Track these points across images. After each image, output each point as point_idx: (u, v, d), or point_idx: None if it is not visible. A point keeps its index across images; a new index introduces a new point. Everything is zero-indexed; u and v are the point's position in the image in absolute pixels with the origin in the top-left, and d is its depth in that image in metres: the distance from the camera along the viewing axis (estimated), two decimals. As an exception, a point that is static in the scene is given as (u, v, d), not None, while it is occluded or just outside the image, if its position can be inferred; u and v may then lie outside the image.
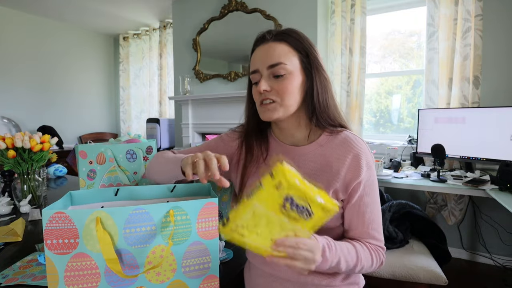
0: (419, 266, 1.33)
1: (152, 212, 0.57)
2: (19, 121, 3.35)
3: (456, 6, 2.03)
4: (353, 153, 0.66)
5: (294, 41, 0.68)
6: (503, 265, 2.03)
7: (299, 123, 0.71)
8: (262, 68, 0.67)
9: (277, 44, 0.67)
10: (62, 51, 3.74)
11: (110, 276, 0.57)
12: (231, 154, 0.78)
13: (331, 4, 2.47)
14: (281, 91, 0.66)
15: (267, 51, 0.67)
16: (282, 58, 0.66)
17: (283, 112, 0.67)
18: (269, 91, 0.67)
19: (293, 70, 0.66)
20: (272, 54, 0.66)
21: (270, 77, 0.67)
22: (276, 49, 0.66)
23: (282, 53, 0.66)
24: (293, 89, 0.67)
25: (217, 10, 2.86)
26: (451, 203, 2.12)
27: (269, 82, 0.67)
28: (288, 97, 0.66)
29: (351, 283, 0.71)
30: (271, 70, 0.66)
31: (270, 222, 0.51)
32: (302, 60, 0.68)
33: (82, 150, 0.91)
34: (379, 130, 2.65)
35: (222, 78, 2.91)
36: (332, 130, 0.70)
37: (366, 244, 0.67)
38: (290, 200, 0.49)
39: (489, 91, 2.04)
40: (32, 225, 1.07)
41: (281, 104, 0.67)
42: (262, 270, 0.73)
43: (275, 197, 0.49)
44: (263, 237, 0.51)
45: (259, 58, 0.68)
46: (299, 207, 0.49)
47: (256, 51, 0.70)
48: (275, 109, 0.67)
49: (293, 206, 0.49)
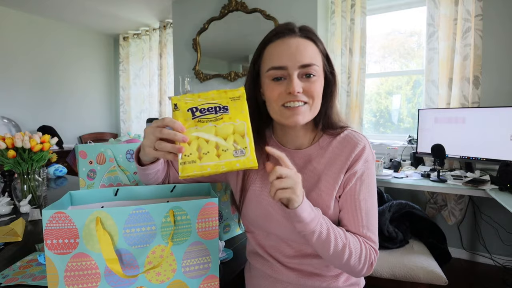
0: (419, 266, 1.33)
1: (152, 212, 0.57)
2: (19, 121, 3.35)
3: (456, 6, 2.03)
4: (351, 146, 0.65)
5: (319, 42, 0.65)
6: (503, 265, 2.03)
7: (307, 129, 0.69)
8: (293, 66, 0.61)
9: (307, 42, 0.63)
10: (62, 51, 3.74)
11: (110, 276, 0.56)
12: None
13: (331, 4, 2.47)
14: (312, 93, 0.62)
15: (297, 48, 0.61)
16: (314, 59, 0.62)
17: (311, 115, 0.64)
18: (301, 93, 0.62)
19: (320, 72, 0.64)
20: (304, 52, 0.61)
21: (301, 77, 0.62)
22: (307, 47, 0.62)
23: (314, 53, 0.63)
24: (321, 91, 0.65)
25: (217, 10, 2.86)
26: (451, 203, 2.12)
27: (301, 83, 0.62)
28: (318, 100, 0.64)
29: (353, 284, 0.70)
30: (302, 70, 0.61)
31: (203, 139, 0.55)
32: (324, 63, 0.65)
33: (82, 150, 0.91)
34: (379, 130, 2.65)
35: (222, 78, 2.91)
36: (333, 132, 0.69)
37: (358, 237, 0.63)
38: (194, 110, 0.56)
39: (489, 91, 2.04)
40: (32, 225, 1.07)
41: (311, 106, 0.63)
42: (263, 272, 0.72)
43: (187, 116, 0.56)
44: (211, 153, 0.55)
45: (287, 54, 0.61)
46: (206, 110, 0.56)
47: (278, 43, 0.63)
48: (305, 112, 0.63)
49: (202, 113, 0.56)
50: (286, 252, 0.68)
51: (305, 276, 0.67)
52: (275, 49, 0.63)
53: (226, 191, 0.96)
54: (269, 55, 0.64)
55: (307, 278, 0.67)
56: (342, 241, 0.58)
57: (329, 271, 0.68)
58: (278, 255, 0.69)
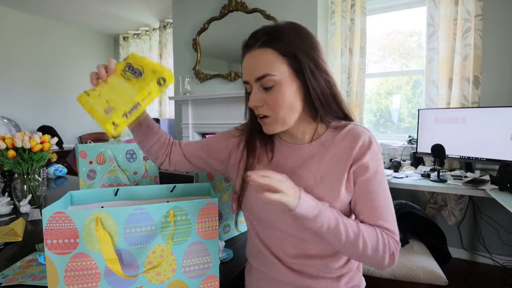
0: (419, 266, 1.33)
1: (152, 212, 0.57)
2: (19, 121, 3.35)
3: (456, 6, 2.03)
4: (355, 139, 0.64)
5: (280, 45, 0.60)
6: (503, 265, 2.03)
7: (303, 125, 0.68)
8: (251, 80, 0.63)
9: (262, 52, 0.61)
10: (62, 51, 3.74)
11: (110, 276, 0.57)
12: (230, 150, 0.76)
13: (331, 4, 2.47)
14: (272, 104, 0.61)
15: (252, 62, 0.62)
16: (267, 69, 0.60)
17: (281, 125, 0.64)
18: (261, 106, 0.63)
19: (282, 79, 0.60)
20: (257, 64, 0.61)
21: (261, 89, 0.62)
22: (260, 59, 0.61)
23: (268, 62, 0.60)
24: (286, 100, 0.61)
25: (217, 10, 2.86)
26: (451, 203, 2.12)
27: (261, 95, 0.62)
28: (282, 111, 0.62)
29: (354, 286, 0.70)
30: (259, 83, 0.61)
31: (111, 85, 0.62)
32: (291, 64, 0.60)
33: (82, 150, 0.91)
34: (379, 130, 2.65)
35: (222, 78, 2.91)
36: (337, 125, 0.68)
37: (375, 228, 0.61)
38: (129, 66, 0.63)
39: (489, 91, 2.04)
40: (32, 225, 1.07)
41: (276, 118, 0.63)
42: (263, 273, 0.72)
43: (120, 66, 0.64)
44: (102, 99, 0.60)
45: (246, 69, 0.63)
46: (134, 70, 0.63)
47: (244, 60, 0.65)
48: (271, 123, 0.64)
49: (130, 69, 0.63)
50: (288, 251, 0.68)
51: (306, 278, 0.67)
52: (242, 65, 0.66)
53: (226, 191, 0.96)
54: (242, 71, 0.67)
55: (308, 280, 0.67)
56: (354, 231, 0.59)
57: (331, 273, 0.67)
58: (280, 254, 0.69)
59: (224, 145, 0.77)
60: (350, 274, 0.69)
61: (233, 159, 0.75)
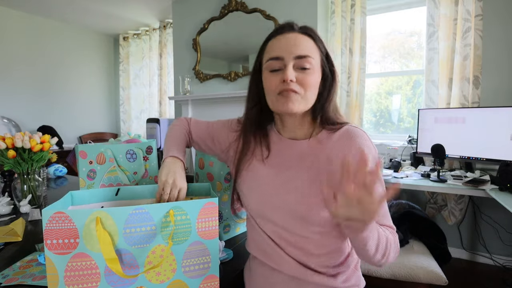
0: (419, 266, 1.33)
1: (152, 212, 0.57)
2: (19, 121, 3.35)
3: (456, 6, 2.03)
4: (352, 140, 0.65)
5: (318, 39, 0.68)
6: (503, 265, 2.03)
7: (304, 120, 0.71)
8: (288, 56, 0.65)
9: (304, 37, 0.66)
10: (62, 51, 3.74)
11: (110, 276, 0.57)
12: (230, 142, 0.80)
13: (331, 4, 2.47)
14: (306, 84, 0.65)
15: (295, 41, 0.66)
16: (309, 52, 0.65)
17: (304, 105, 0.66)
18: (294, 82, 0.65)
19: (316, 66, 0.66)
20: (301, 44, 0.65)
21: (296, 68, 0.65)
22: (303, 41, 0.66)
23: (310, 47, 0.66)
24: (315, 84, 0.67)
25: (217, 10, 2.86)
26: (451, 203, 2.12)
27: (295, 73, 0.65)
28: (311, 92, 0.66)
29: (353, 285, 0.70)
30: (298, 61, 0.65)
31: None
32: (323, 59, 0.68)
33: (82, 150, 0.91)
34: (379, 130, 2.65)
35: (222, 78, 2.91)
36: (333, 127, 0.69)
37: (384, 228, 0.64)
38: None
39: (489, 91, 2.04)
40: (32, 225, 1.07)
41: (304, 96, 0.66)
42: (263, 269, 0.72)
43: None
44: None
45: (284, 46, 0.66)
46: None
47: (279, 38, 0.68)
48: (297, 100, 0.65)
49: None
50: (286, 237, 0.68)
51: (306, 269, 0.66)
52: (274, 42, 0.68)
53: (226, 191, 0.96)
54: (269, 49, 0.69)
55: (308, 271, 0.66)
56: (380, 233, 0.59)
57: (327, 270, 0.67)
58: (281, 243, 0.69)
59: (226, 136, 0.82)
60: (347, 273, 0.69)
61: (232, 151, 0.79)
